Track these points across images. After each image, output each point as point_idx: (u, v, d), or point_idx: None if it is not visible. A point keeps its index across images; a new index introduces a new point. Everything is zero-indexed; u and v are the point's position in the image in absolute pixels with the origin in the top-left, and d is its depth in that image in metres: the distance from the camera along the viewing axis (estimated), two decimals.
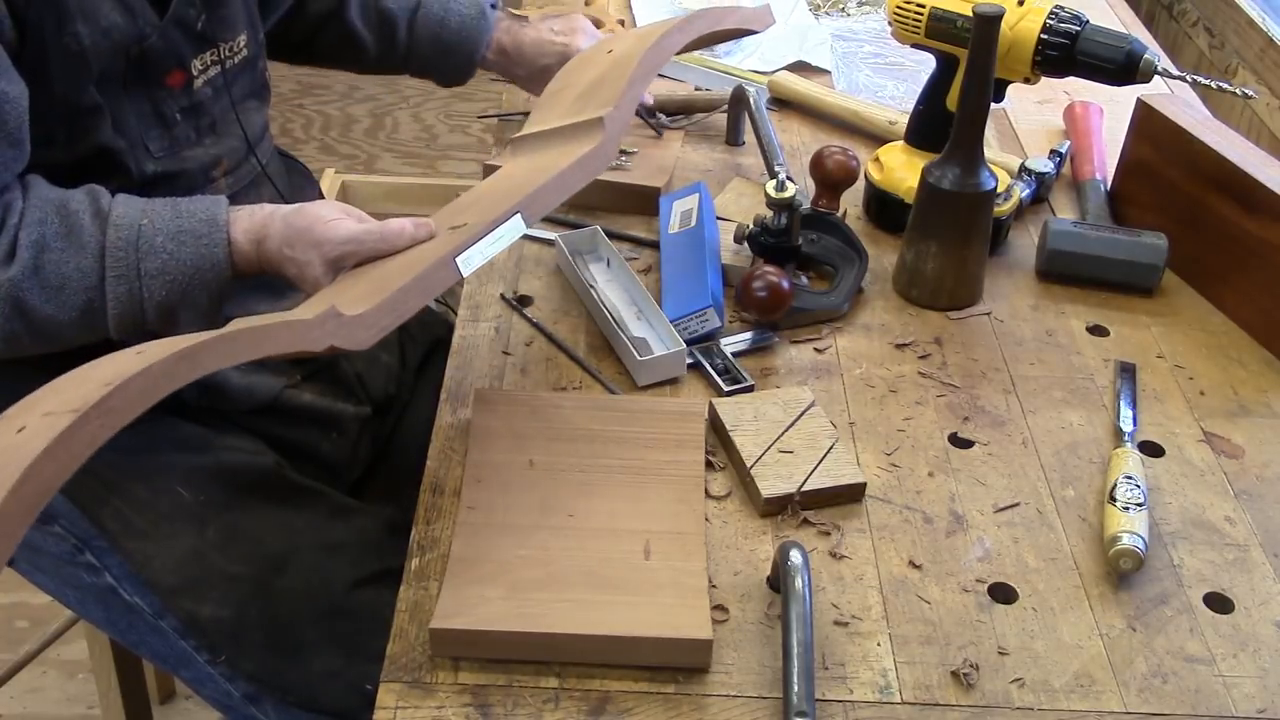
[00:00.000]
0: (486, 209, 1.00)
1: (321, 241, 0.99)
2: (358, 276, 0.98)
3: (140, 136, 1.08)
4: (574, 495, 0.95)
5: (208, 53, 1.13)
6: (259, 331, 0.82)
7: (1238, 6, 2.07)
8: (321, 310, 0.85)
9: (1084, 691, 0.85)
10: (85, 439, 0.73)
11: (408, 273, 0.92)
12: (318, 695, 1.13)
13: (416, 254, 0.97)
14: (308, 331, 0.84)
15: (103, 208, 1.00)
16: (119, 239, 0.98)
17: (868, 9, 1.89)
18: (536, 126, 1.14)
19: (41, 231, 0.97)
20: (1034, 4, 1.20)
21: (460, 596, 0.86)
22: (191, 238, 1.00)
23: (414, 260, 0.95)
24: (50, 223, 0.98)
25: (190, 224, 1.00)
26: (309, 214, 1.01)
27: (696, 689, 0.83)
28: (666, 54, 1.17)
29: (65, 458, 0.72)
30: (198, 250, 1.00)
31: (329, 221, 1.00)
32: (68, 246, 0.98)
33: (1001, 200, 1.27)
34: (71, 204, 0.99)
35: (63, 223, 0.98)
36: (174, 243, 0.99)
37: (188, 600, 1.12)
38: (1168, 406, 1.12)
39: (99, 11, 1.01)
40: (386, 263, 0.98)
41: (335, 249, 0.99)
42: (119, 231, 0.98)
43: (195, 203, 1.03)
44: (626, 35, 1.29)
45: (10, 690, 1.83)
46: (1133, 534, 0.93)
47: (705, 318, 1.13)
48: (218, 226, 1.00)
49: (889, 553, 0.95)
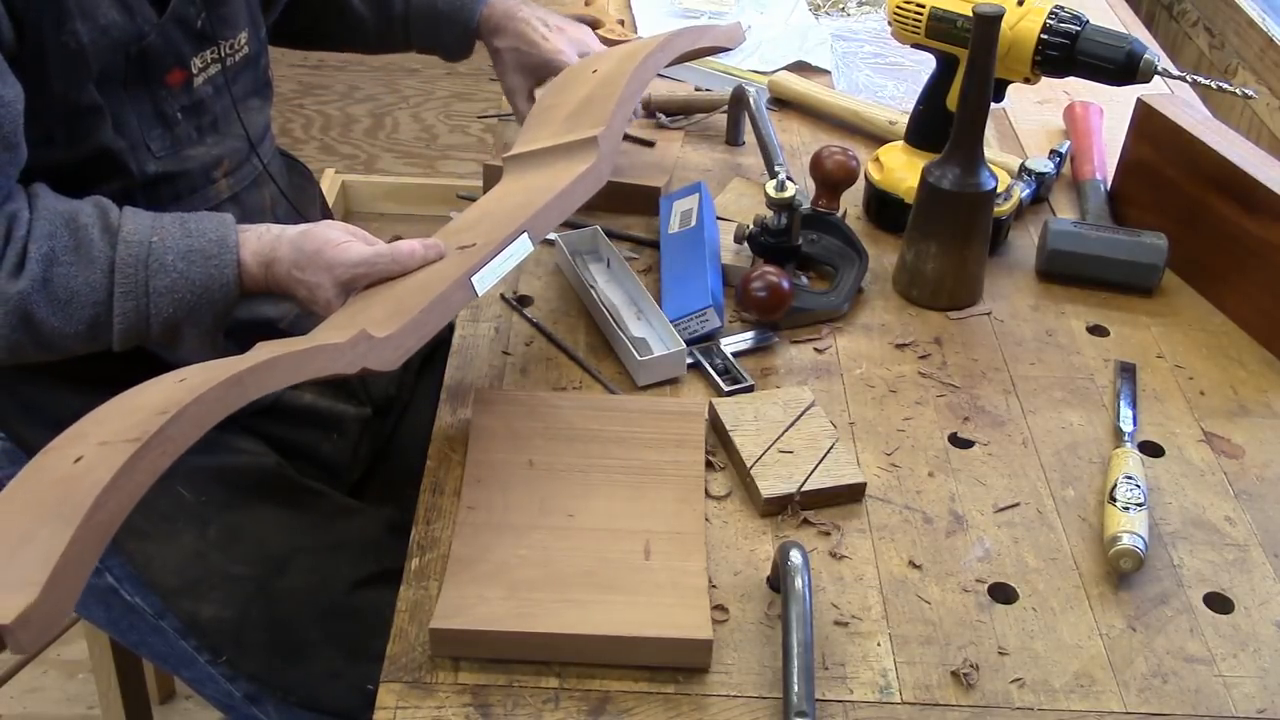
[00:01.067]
0: (492, 229, 1.02)
1: (333, 264, 1.00)
2: (370, 298, 0.99)
3: (141, 136, 1.08)
4: (574, 495, 0.95)
5: (208, 51, 1.13)
6: (299, 356, 0.84)
7: (1238, 6, 2.07)
8: (354, 334, 0.87)
9: (1084, 691, 0.85)
10: (148, 468, 0.74)
11: (427, 293, 0.94)
12: (319, 695, 1.13)
13: (429, 275, 0.99)
14: (341, 355, 0.87)
15: (112, 222, 1.00)
16: (129, 255, 0.99)
17: (868, 9, 1.89)
18: (529, 145, 1.17)
19: (51, 245, 0.97)
20: (1034, 4, 1.20)
21: (460, 596, 0.86)
22: (201, 257, 1.00)
23: (429, 281, 0.97)
24: (59, 236, 0.98)
25: (200, 244, 1.00)
26: (318, 237, 1.02)
27: (696, 689, 0.83)
28: (651, 73, 1.22)
29: (131, 487, 0.73)
30: (207, 271, 1.00)
31: (339, 245, 1.01)
32: (77, 260, 0.98)
33: (1001, 200, 1.27)
34: (81, 217, 0.99)
35: (72, 236, 0.98)
36: (184, 262, 1.00)
37: (189, 601, 1.12)
38: (1168, 406, 1.12)
39: (97, 9, 1.01)
40: (398, 284, 0.99)
41: (347, 271, 1.00)
42: (129, 248, 0.99)
43: (204, 221, 1.02)
44: (610, 54, 1.31)
45: (10, 690, 1.83)
46: (1133, 534, 0.93)
47: (705, 318, 1.13)
48: (228, 248, 1.01)
49: (889, 553, 0.95)
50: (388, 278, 1.00)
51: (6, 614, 0.67)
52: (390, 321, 0.91)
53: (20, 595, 0.68)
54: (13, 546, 0.72)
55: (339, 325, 0.95)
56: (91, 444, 0.77)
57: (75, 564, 0.70)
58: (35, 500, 0.75)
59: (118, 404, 0.84)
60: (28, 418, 1.15)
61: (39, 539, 0.71)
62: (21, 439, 1.16)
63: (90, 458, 0.76)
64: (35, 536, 0.72)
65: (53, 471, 0.77)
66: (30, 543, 0.72)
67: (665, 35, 1.26)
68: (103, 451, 0.75)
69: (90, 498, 0.71)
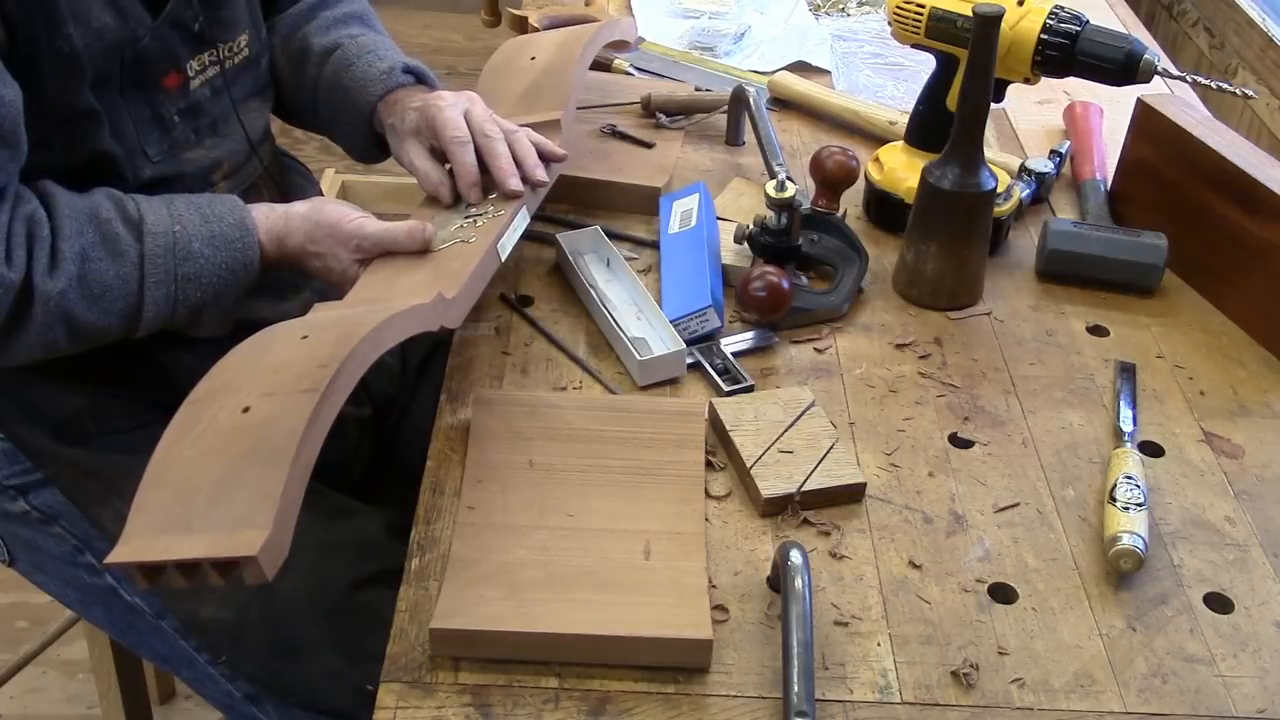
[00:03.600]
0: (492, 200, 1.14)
1: (350, 237, 1.08)
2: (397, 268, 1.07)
3: (138, 142, 1.09)
4: (574, 495, 0.95)
5: (205, 53, 1.13)
6: (403, 315, 0.93)
7: (1238, 6, 2.07)
8: (434, 296, 0.97)
9: (1084, 691, 0.85)
10: (326, 415, 0.82)
11: (468, 260, 1.05)
12: (318, 695, 1.13)
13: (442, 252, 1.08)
14: (429, 313, 0.97)
15: (132, 215, 1.03)
16: (157, 247, 1.02)
17: (868, 9, 1.89)
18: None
19: (82, 243, 1.00)
20: (1034, 4, 1.20)
21: (460, 596, 0.86)
22: (224, 242, 1.05)
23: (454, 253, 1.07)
24: (87, 233, 1.00)
25: (221, 229, 1.05)
26: (331, 212, 1.09)
27: (696, 689, 0.83)
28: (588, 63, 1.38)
29: (316, 431, 0.81)
30: (231, 254, 1.05)
31: (353, 220, 1.08)
32: (106, 255, 1.01)
33: (1001, 200, 1.27)
34: (102, 212, 1.02)
35: (97, 231, 1.01)
36: (209, 248, 1.04)
37: (188, 601, 1.12)
38: (1168, 406, 1.12)
39: (89, 13, 1.01)
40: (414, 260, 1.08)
41: (366, 242, 1.08)
42: (155, 240, 1.02)
43: (217, 205, 1.07)
44: (541, 44, 1.39)
45: (10, 690, 1.83)
46: (1133, 534, 0.93)
47: (705, 318, 1.13)
48: (248, 230, 1.06)
49: (889, 553, 0.95)
50: (397, 251, 1.08)
51: (250, 547, 0.74)
52: (450, 285, 1.01)
53: (253, 531, 0.75)
54: (211, 491, 0.78)
55: (376, 291, 1.03)
56: (253, 395, 0.83)
57: (292, 501, 0.77)
58: (215, 448, 0.81)
59: (247, 359, 0.90)
60: (27, 418, 1.15)
61: (246, 480, 0.78)
62: (21, 439, 1.16)
63: (263, 409, 0.82)
64: (239, 479, 0.78)
65: (220, 422, 0.83)
66: (236, 485, 0.78)
67: (594, 28, 1.40)
68: (275, 403, 0.82)
69: (292, 442, 0.78)
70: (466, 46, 3.41)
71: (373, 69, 1.23)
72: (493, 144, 1.14)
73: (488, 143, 1.14)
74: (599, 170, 1.35)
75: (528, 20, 1.69)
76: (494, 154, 1.13)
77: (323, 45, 1.27)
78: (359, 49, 1.25)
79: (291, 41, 1.28)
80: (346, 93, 1.24)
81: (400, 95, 1.22)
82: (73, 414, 1.14)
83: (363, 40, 1.27)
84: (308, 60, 1.27)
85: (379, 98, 1.22)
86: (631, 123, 1.48)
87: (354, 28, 1.29)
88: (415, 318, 0.95)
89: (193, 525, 0.77)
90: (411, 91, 1.22)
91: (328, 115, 1.28)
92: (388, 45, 1.28)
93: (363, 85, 1.23)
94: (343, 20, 1.30)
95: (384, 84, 1.22)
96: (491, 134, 1.14)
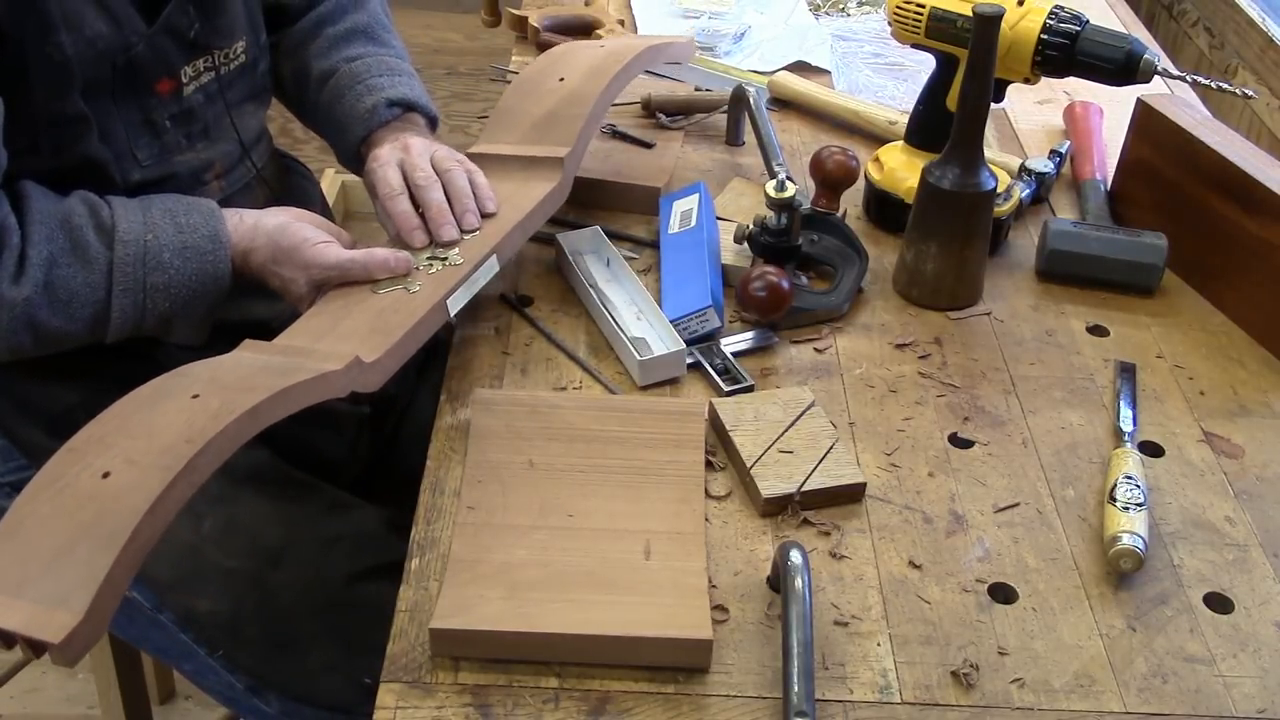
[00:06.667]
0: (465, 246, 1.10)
1: (310, 264, 1.06)
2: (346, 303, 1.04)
3: (128, 147, 1.08)
4: (574, 495, 0.95)
5: (200, 60, 1.13)
6: (302, 386, 0.89)
7: (1238, 6, 2.07)
8: (349, 361, 0.93)
9: (1084, 691, 0.85)
10: (178, 496, 0.79)
11: (406, 316, 1.01)
12: (315, 689, 1.13)
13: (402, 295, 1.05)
14: (338, 380, 0.93)
15: (105, 221, 1.02)
16: (126, 255, 1.02)
17: (868, 9, 1.89)
18: (494, 146, 1.23)
19: (50, 249, 0.99)
20: (1034, 4, 1.20)
21: (460, 596, 0.86)
22: (196, 254, 1.04)
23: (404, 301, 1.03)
24: (57, 239, 1.00)
25: (194, 240, 1.04)
26: (295, 234, 1.07)
27: (696, 689, 0.83)
28: (616, 93, 1.28)
29: (163, 513, 0.78)
30: (201, 266, 1.04)
31: (315, 245, 1.06)
32: (74, 262, 1.00)
33: (1001, 200, 1.27)
34: (74, 218, 1.01)
35: (68, 238, 1.00)
36: (180, 259, 1.03)
37: (183, 595, 1.12)
38: (1168, 406, 1.12)
39: (83, 20, 1.00)
40: (372, 297, 1.04)
41: (322, 273, 1.06)
42: (126, 248, 1.02)
43: (193, 215, 1.05)
44: (576, 63, 1.31)
45: (10, 690, 1.83)
46: (1133, 534, 0.93)
47: (705, 318, 1.13)
48: (220, 243, 1.05)
49: (889, 553, 0.95)
50: (357, 282, 1.06)
51: (56, 633, 0.70)
52: (376, 345, 0.97)
53: (66, 614, 0.71)
54: (47, 558, 0.75)
55: (316, 331, 1.01)
56: (118, 459, 0.81)
57: (115, 586, 0.74)
58: (66, 510, 0.78)
59: (135, 411, 0.86)
60: (21, 414, 1.15)
61: (78, 557, 0.74)
62: (15, 435, 1.16)
63: (121, 477, 0.79)
64: (73, 552, 0.75)
65: (80, 482, 0.80)
66: (68, 558, 0.75)
67: (631, 55, 1.30)
68: (133, 473, 0.79)
69: (130, 524, 0.75)
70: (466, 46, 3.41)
71: (359, 105, 1.23)
72: (424, 193, 1.12)
73: (420, 192, 1.13)
74: (599, 170, 1.35)
75: (527, 20, 1.69)
76: (426, 203, 1.12)
77: (320, 70, 1.27)
78: (351, 78, 1.25)
79: (294, 60, 1.29)
80: (338, 125, 1.25)
81: (378, 136, 1.22)
82: (67, 409, 1.14)
83: (357, 67, 1.26)
84: (307, 86, 1.28)
85: (360, 139, 1.23)
86: (631, 123, 1.48)
87: (354, 47, 1.28)
88: (320, 386, 0.91)
89: (23, 591, 0.73)
90: (388, 132, 1.22)
91: (328, 138, 1.29)
92: (383, 67, 1.26)
93: (349, 123, 1.24)
94: (344, 38, 1.28)
95: (365, 125, 1.22)
96: (422, 182, 1.13)
